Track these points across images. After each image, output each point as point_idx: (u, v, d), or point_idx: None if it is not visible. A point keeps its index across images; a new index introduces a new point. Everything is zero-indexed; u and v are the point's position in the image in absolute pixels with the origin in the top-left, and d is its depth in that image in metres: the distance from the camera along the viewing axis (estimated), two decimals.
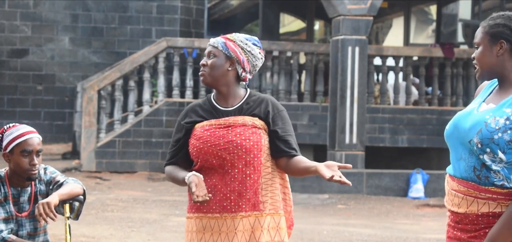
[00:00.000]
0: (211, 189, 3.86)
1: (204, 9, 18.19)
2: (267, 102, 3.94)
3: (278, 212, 3.91)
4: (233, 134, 3.84)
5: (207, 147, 3.84)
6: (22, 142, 4.16)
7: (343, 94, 13.60)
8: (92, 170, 14.38)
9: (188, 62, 14.96)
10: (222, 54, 3.91)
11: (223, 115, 3.91)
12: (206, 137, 3.86)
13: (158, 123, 14.69)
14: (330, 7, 13.73)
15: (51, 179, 4.30)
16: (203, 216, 3.88)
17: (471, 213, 3.21)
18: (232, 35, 3.98)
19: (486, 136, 3.14)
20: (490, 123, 3.15)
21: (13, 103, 17.03)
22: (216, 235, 3.85)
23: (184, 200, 11.92)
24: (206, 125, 3.90)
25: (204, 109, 3.96)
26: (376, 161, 14.91)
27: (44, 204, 4.01)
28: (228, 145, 3.83)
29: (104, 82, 14.59)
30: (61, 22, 17.18)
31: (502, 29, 3.24)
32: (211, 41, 3.96)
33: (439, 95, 15.35)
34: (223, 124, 3.87)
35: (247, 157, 3.84)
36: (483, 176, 3.17)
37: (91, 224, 9.52)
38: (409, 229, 10.23)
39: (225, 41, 3.93)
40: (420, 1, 20.47)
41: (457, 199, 3.25)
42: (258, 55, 3.96)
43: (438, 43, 17.40)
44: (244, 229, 3.83)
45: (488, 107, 3.24)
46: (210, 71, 3.90)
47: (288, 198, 4.00)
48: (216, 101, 3.97)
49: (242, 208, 3.84)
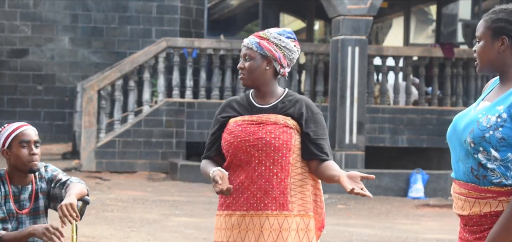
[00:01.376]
0: (239, 186, 3.86)
1: (204, 9, 18.19)
2: (301, 103, 3.91)
3: (308, 213, 3.88)
4: (264, 131, 3.84)
5: (237, 141, 3.85)
6: (19, 134, 4.18)
7: (343, 94, 13.60)
8: (92, 170, 14.38)
9: (188, 62, 14.96)
10: (258, 55, 3.89)
11: (258, 112, 3.91)
12: (237, 132, 3.87)
13: (158, 123, 14.69)
14: (330, 7, 13.73)
15: (52, 176, 4.30)
16: (232, 213, 3.87)
17: (475, 215, 3.20)
18: (265, 33, 3.94)
19: (478, 134, 3.13)
20: (482, 121, 3.14)
21: (13, 103, 17.03)
22: (243, 232, 3.84)
23: (184, 200, 11.92)
24: (239, 120, 3.90)
25: (241, 104, 3.96)
26: (376, 161, 14.91)
27: (67, 205, 4.00)
28: (257, 142, 3.82)
29: (104, 82, 14.59)
30: (61, 22, 17.18)
31: (505, 25, 3.20)
32: (245, 42, 3.93)
33: (439, 95, 15.36)
34: (256, 120, 3.87)
35: (275, 155, 3.82)
36: (481, 176, 3.16)
37: (91, 224, 9.52)
38: (409, 229, 10.23)
39: (259, 41, 3.89)
40: (420, 1, 20.47)
41: (460, 202, 3.24)
42: (293, 48, 3.93)
43: (438, 43, 17.41)
44: (271, 228, 3.81)
45: (484, 105, 3.23)
46: (249, 74, 3.89)
47: (319, 200, 3.97)
48: (254, 98, 3.97)
49: (268, 207, 3.82)
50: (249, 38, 3.94)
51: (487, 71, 3.29)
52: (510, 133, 3.10)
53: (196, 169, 14.16)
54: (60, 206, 4.00)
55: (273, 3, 19.05)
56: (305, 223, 3.86)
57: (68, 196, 4.08)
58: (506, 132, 3.10)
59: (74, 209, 4.01)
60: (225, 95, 14.89)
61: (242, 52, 3.93)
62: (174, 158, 14.70)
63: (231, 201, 3.88)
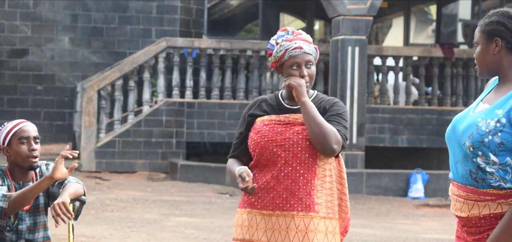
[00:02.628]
0: (265, 186, 3.83)
1: (204, 9, 18.18)
2: (329, 101, 3.91)
3: (335, 216, 3.86)
4: (291, 131, 3.82)
5: (264, 141, 3.83)
6: (18, 130, 4.19)
7: (343, 94, 13.60)
8: (92, 170, 14.38)
9: (188, 62, 14.96)
10: (314, 60, 3.90)
11: (286, 112, 3.89)
12: (264, 132, 3.85)
13: (158, 123, 14.69)
14: (330, 7, 13.73)
15: None
16: (257, 212, 3.85)
17: (473, 217, 3.20)
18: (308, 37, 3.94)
19: (477, 139, 3.13)
20: (481, 125, 3.14)
21: (13, 103, 17.03)
22: (269, 232, 3.81)
23: (184, 200, 11.92)
24: (266, 119, 3.88)
25: (269, 104, 3.95)
26: (376, 161, 14.91)
27: (60, 204, 4.00)
28: (284, 142, 3.80)
29: (104, 82, 14.59)
30: (61, 22, 17.18)
31: (496, 27, 3.23)
32: (306, 49, 3.86)
33: (439, 95, 15.36)
34: (283, 120, 3.85)
35: (302, 155, 3.79)
36: (480, 179, 3.16)
37: (91, 224, 9.52)
38: (409, 229, 10.23)
39: (315, 47, 3.92)
40: (420, 1, 20.47)
41: (459, 204, 3.25)
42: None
43: (438, 43, 17.41)
44: (297, 229, 3.78)
45: (483, 107, 3.23)
46: (311, 81, 3.89)
47: (344, 204, 3.94)
48: (284, 98, 3.95)
49: (294, 207, 3.79)
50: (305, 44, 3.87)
51: (487, 74, 3.30)
52: (509, 137, 3.10)
53: (196, 169, 14.16)
54: (53, 206, 4.01)
55: (273, 3, 19.05)
56: (333, 226, 3.84)
57: (61, 195, 4.09)
58: (505, 137, 3.11)
59: (67, 208, 4.01)
60: (225, 95, 14.90)
61: (305, 59, 3.85)
62: (174, 158, 14.70)
63: (256, 199, 3.85)
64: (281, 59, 3.88)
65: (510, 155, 3.11)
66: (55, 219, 3.99)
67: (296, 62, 3.84)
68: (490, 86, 3.36)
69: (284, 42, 3.88)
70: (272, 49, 3.93)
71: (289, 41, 3.88)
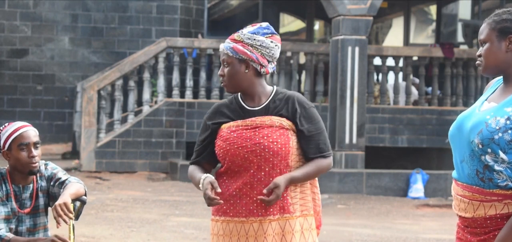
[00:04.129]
0: (237, 192, 3.78)
1: (204, 9, 18.19)
2: (293, 101, 3.82)
3: (310, 212, 3.84)
4: (260, 135, 3.75)
5: (233, 149, 3.76)
6: (18, 136, 4.16)
7: (343, 94, 13.60)
8: (92, 170, 14.38)
9: (188, 62, 14.96)
10: (235, 60, 3.79)
11: (250, 115, 3.81)
12: (232, 139, 3.77)
13: (158, 123, 14.69)
14: (330, 7, 13.73)
15: (52, 174, 4.30)
16: (229, 219, 3.79)
17: (479, 217, 3.19)
18: (239, 35, 3.81)
19: (487, 136, 3.12)
20: (490, 123, 3.13)
21: (13, 103, 17.03)
22: (243, 239, 3.76)
23: (184, 200, 11.92)
24: (232, 125, 3.81)
25: (231, 109, 3.87)
26: (376, 161, 14.91)
27: (62, 205, 3.99)
28: (255, 147, 3.73)
29: (104, 82, 14.59)
30: (61, 22, 17.18)
31: (510, 25, 3.22)
32: (221, 48, 3.84)
33: (439, 95, 15.36)
34: (250, 125, 3.78)
35: (274, 159, 3.74)
36: (486, 179, 3.15)
37: (91, 224, 9.52)
38: (409, 229, 10.23)
39: (233, 46, 3.78)
40: (420, 1, 20.47)
41: (463, 204, 3.23)
42: (270, 44, 3.80)
43: (438, 43, 17.41)
44: (274, 233, 3.74)
45: (489, 106, 3.22)
46: (229, 80, 3.81)
47: (317, 198, 3.92)
48: (243, 100, 3.87)
49: (270, 212, 3.74)
50: (224, 43, 3.83)
51: (492, 72, 3.29)
52: None
53: None
54: (54, 206, 4.00)
55: (273, 3, 19.05)
56: (308, 223, 3.82)
57: (62, 195, 4.08)
58: None
59: (69, 208, 4.00)
60: (225, 95, 14.89)
61: (221, 59, 3.83)
62: (174, 158, 14.70)
63: (229, 207, 3.79)
64: None
65: None
66: (56, 220, 3.98)
67: None
68: (493, 86, 3.36)
69: None
70: None
71: None
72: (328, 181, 13.01)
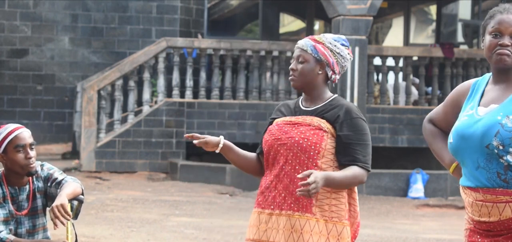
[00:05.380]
0: (269, 185, 3.87)
1: (204, 9, 18.18)
2: (341, 107, 3.84)
3: (342, 220, 3.82)
4: (296, 131, 3.82)
5: (271, 139, 3.87)
6: (14, 138, 4.15)
7: (343, 94, 13.60)
8: (92, 170, 14.38)
9: (188, 62, 14.96)
10: (312, 58, 3.86)
11: (300, 114, 3.89)
12: (274, 131, 3.89)
13: (158, 123, 14.69)
14: (330, 7, 13.73)
15: (48, 175, 4.29)
16: (261, 211, 3.88)
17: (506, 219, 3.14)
18: (321, 37, 3.90)
19: (506, 135, 3.09)
20: (505, 122, 3.11)
21: (13, 103, 17.02)
22: (269, 231, 3.81)
23: (184, 200, 11.92)
24: (280, 120, 3.92)
25: (288, 107, 3.98)
26: (376, 161, 14.89)
27: (59, 206, 3.99)
28: (287, 141, 3.81)
29: (104, 82, 14.59)
30: (61, 22, 17.18)
31: None
32: (300, 44, 3.90)
33: (439, 95, 15.36)
34: (293, 121, 3.87)
35: (302, 155, 3.78)
36: (509, 179, 3.12)
37: (91, 224, 9.52)
38: (409, 229, 10.23)
39: (315, 44, 3.86)
40: (420, 1, 20.47)
41: (486, 209, 3.18)
42: (346, 56, 3.91)
43: (438, 43, 17.41)
44: (293, 229, 3.76)
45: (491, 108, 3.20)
46: (300, 76, 3.88)
47: (352, 209, 3.93)
48: (303, 101, 3.96)
49: (290, 207, 3.78)
50: (304, 40, 3.90)
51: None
52: None
53: (196, 169, 14.16)
54: (51, 208, 4.00)
55: (273, 3, 19.04)
56: (337, 230, 3.80)
57: (59, 196, 4.07)
58: None
59: (66, 209, 4.00)
60: (225, 95, 14.89)
61: (296, 54, 3.90)
62: (174, 158, 14.70)
63: (262, 199, 3.89)
64: None
65: None
66: (53, 222, 3.98)
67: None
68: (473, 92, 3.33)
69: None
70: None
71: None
72: None
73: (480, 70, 15.29)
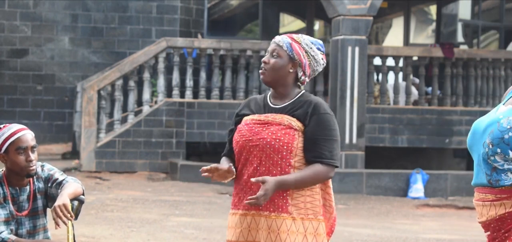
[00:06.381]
0: (244, 185, 3.86)
1: (204, 9, 18.18)
2: (310, 104, 3.83)
3: (317, 217, 3.82)
4: (267, 131, 3.79)
5: (242, 140, 3.84)
6: (16, 140, 4.14)
7: (343, 94, 13.60)
8: (92, 170, 14.38)
9: (188, 62, 14.96)
10: (286, 55, 3.85)
11: (269, 111, 3.87)
12: (244, 131, 3.86)
13: (158, 123, 14.69)
14: (330, 7, 13.73)
15: (49, 176, 4.29)
16: (236, 212, 3.88)
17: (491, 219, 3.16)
18: (299, 37, 3.90)
19: (497, 135, 3.10)
20: (502, 122, 3.11)
21: (13, 103, 17.02)
22: (245, 231, 3.81)
23: (184, 200, 11.92)
24: (249, 119, 3.89)
25: (258, 103, 3.94)
26: (376, 161, 14.91)
27: (61, 206, 3.99)
28: (259, 142, 3.79)
29: (104, 82, 14.59)
30: (61, 22, 17.18)
31: None
32: (277, 39, 3.90)
33: (439, 95, 15.36)
34: (263, 120, 3.84)
35: (275, 156, 3.77)
36: (493, 180, 3.14)
37: (91, 224, 9.52)
38: (409, 229, 10.23)
39: (291, 42, 3.86)
40: (420, 1, 20.47)
41: (479, 208, 3.21)
42: (320, 60, 3.92)
43: (438, 43, 17.41)
44: (269, 229, 3.77)
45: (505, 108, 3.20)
46: (271, 71, 3.86)
47: (328, 204, 3.91)
48: (271, 98, 3.94)
49: (266, 208, 3.78)
50: (281, 36, 3.90)
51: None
52: None
53: (196, 169, 14.15)
54: (54, 207, 4.00)
55: (273, 3, 19.05)
56: (313, 227, 3.80)
57: (60, 196, 4.07)
58: None
59: (68, 209, 4.00)
60: (225, 95, 14.89)
61: (271, 48, 3.89)
62: (174, 158, 14.70)
63: (238, 200, 3.88)
64: None
65: None
66: (55, 221, 3.98)
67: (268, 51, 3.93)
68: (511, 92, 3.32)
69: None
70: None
71: None
72: None
73: (480, 70, 15.29)
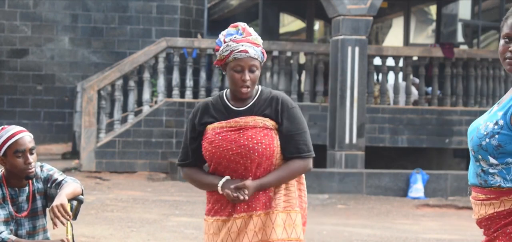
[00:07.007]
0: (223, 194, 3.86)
1: (204, 9, 18.19)
2: (277, 101, 3.84)
3: (294, 209, 3.86)
4: (245, 137, 3.77)
5: (219, 152, 3.79)
6: (14, 143, 4.13)
7: (343, 94, 13.60)
8: (92, 170, 14.38)
9: (188, 62, 14.96)
10: (259, 63, 3.82)
11: (235, 115, 3.82)
12: (217, 141, 3.79)
13: (158, 123, 14.69)
14: (330, 7, 13.73)
15: (48, 176, 4.29)
16: (218, 218, 3.86)
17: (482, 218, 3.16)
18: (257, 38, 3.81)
19: (476, 142, 3.08)
20: (481, 129, 3.08)
21: (13, 103, 17.03)
22: (234, 234, 3.81)
23: (184, 200, 11.92)
24: (217, 127, 3.81)
25: (216, 108, 3.86)
26: (376, 161, 14.91)
27: (59, 206, 3.99)
28: (240, 149, 3.76)
29: (104, 82, 14.59)
30: (61, 22, 17.18)
31: None
32: (252, 53, 3.76)
33: (439, 95, 15.36)
34: (234, 126, 3.80)
35: (259, 159, 3.78)
36: (482, 181, 3.14)
37: (91, 224, 9.52)
38: (409, 229, 10.23)
39: (262, 50, 3.82)
40: (420, 1, 20.47)
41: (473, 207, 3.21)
42: None
43: (438, 43, 17.41)
44: (256, 228, 3.80)
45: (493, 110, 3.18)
46: (253, 84, 3.81)
47: (303, 194, 3.95)
48: (229, 100, 3.88)
49: (253, 208, 3.81)
50: (253, 48, 3.78)
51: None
52: (506, 139, 3.02)
53: None
54: (51, 208, 3.99)
55: (273, 3, 19.05)
56: (292, 219, 3.84)
57: (58, 196, 4.06)
58: (502, 139, 3.03)
59: (66, 209, 4.00)
60: None
61: (247, 64, 3.76)
62: (174, 158, 14.70)
63: (219, 207, 3.87)
64: (225, 59, 3.79)
65: (510, 157, 3.03)
66: (53, 221, 3.98)
67: (240, 65, 3.76)
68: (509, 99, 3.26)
69: (231, 42, 3.77)
70: (220, 45, 3.82)
71: (237, 42, 3.77)
72: (328, 181, 13.01)
73: (480, 70, 15.29)
